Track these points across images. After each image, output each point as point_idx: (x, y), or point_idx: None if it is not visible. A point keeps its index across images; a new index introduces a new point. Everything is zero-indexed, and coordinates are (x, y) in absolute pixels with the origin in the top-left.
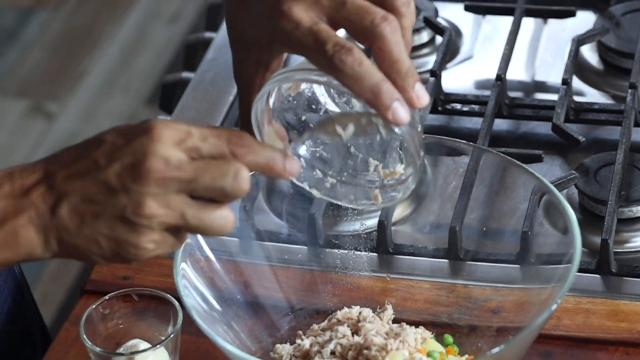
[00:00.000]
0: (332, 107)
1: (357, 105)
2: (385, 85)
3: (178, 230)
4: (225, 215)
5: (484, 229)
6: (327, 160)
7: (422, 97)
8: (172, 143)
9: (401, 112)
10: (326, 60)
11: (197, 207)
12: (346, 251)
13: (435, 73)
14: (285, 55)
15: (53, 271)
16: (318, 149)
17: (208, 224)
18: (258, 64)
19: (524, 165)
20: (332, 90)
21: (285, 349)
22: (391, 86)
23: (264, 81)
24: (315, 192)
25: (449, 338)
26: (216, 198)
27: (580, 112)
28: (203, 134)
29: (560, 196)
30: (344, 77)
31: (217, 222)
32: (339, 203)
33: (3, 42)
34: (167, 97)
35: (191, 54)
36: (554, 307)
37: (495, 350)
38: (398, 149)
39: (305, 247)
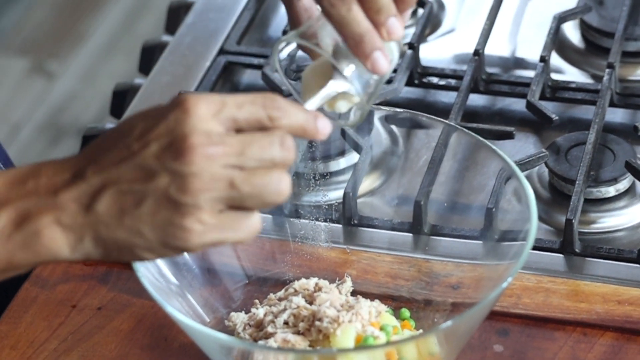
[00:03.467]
0: None
1: None
2: (368, 35)
3: (236, 212)
4: (280, 178)
5: (450, 204)
6: None
7: (393, 31)
8: (209, 115)
9: (380, 62)
10: (320, 3)
11: (246, 173)
12: (307, 221)
13: (413, 46)
14: None
15: None
16: None
17: (262, 188)
18: None
19: (489, 144)
20: None
21: (239, 317)
22: (374, 36)
23: None
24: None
25: (405, 312)
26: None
27: (557, 90)
28: (237, 101)
29: (522, 176)
30: (333, 20)
31: (273, 184)
32: None
33: (6, 0)
34: (147, 60)
35: (174, 17)
36: (505, 284)
37: (447, 323)
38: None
39: (270, 216)
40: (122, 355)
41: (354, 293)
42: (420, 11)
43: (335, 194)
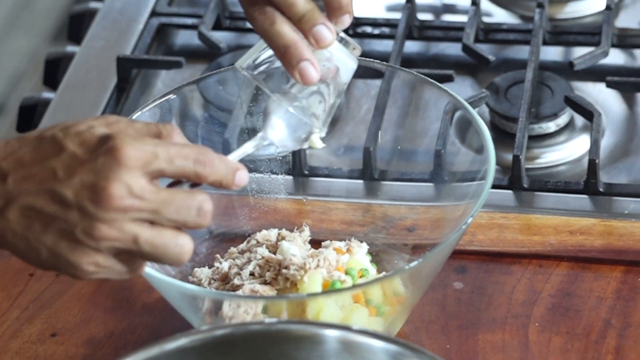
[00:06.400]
0: None
1: None
2: (292, 46)
3: (131, 257)
4: (182, 244)
5: (397, 149)
6: None
7: (320, 39)
8: (137, 167)
9: (307, 71)
10: (249, 21)
11: (152, 233)
12: (262, 175)
13: None
14: None
15: None
16: None
17: (162, 251)
18: None
19: (438, 84)
20: None
21: (203, 272)
22: (300, 47)
23: None
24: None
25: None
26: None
27: (489, 33)
28: (170, 155)
29: (473, 111)
30: (262, 36)
31: (173, 250)
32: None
33: None
34: (76, 27)
35: None
36: (469, 221)
37: (412, 264)
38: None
39: None
40: (85, 319)
41: (311, 242)
42: None
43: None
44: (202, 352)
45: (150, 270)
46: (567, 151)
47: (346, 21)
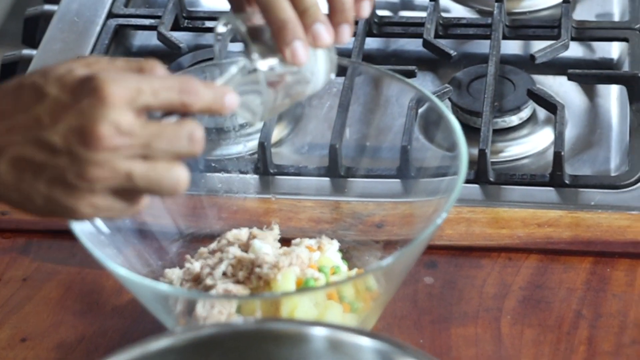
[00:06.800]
0: None
1: None
2: (291, 23)
3: (128, 194)
4: (178, 175)
5: (367, 144)
6: None
7: (318, 36)
8: (122, 104)
9: (299, 52)
10: None
11: (145, 167)
12: (230, 174)
13: None
14: None
15: None
16: None
17: (157, 184)
18: None
19: (405, 78)
20: None
21: (175, 273)
22: (297, 26)
23: None
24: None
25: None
26: (170, 159)
27: (449, 28)
28: (154, 88)
29: (442, 105)
30: (260, 6)
31: (168, 181)
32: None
33: None
34: (30, 31)
35: None
36: (444, 215)
37: (387, 260)
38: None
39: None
40: (55, 323)
41: (280, 240)
42: None
43: (252, 144)
44: (184, 353)
45: (122, 271)
46: (531, 144)
47: (346, 34)
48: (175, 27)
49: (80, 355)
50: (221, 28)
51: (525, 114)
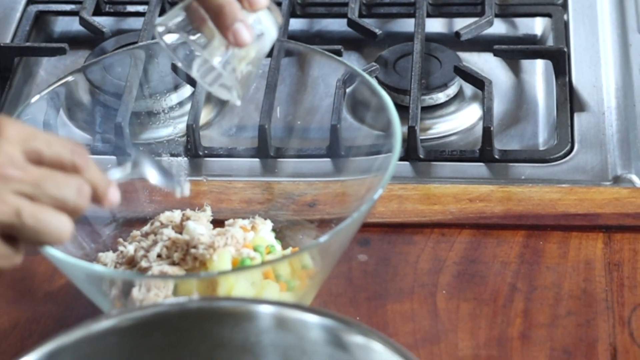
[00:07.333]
0: None
1: None
2: (227, 6)
3: (10, 237)
4: (64, 222)
5: (298, 122)
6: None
7: (254, 1)
8: (17, 141)
9: (241, 33)
10: None
11: (34, 208)
12: (160, 157)
13: None
14: None
15: None
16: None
17: (45, 226)
18: None
19: (334, 55)
20: None
21: (108, 256)
22: (234, 8)
23: None
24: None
25: None
26: (56, 206)
27: (372, 7)
28: (48, 139)
29: (372, 80)
30: None
31: (55, 226)
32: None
33: None
34: None
35: None
36: (380, 192)
37: (324, 238)
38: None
39: (114, 157)
40: None
41: (212, 222)
42: None
43: (179, 128)
44: (126, 334)
45: (57, 253)
46: (458, 121)
47: None
48: (97, 12)
49: (14, 342)
50: (168, 37)
51: (452, 90)
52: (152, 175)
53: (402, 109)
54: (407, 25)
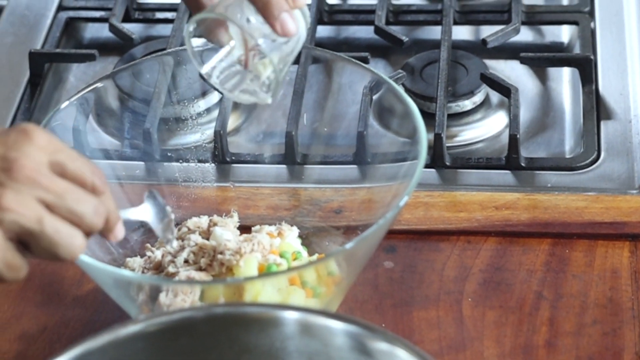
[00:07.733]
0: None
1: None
2: None
3: (23, 249)
4: (80, 238)
5: (324, 129)
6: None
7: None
8: (46, 149)
9: (288, 23)
10: None
11: (55, 217)
12: (189, 163)
13: None
14: None
15: None
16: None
17: (62, 238)
18: None
19: (361, 63)
20: None
21: (136, 261)
22: (282, 0)
23: None
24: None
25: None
26: (73, 221)
27: (399, 15)
28: (73, 154)
29: (399, 88)
30: None
31: (71, 240)
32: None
33: None
34: None
35: None
36: (406, 199)
37: (350, 244)
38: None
39: (142, 163)
40: (17, 314)
41: (239, 228)
42: None
43: (206, 134)
44: (153, 339)
45: (86, 257)
46: (484, 128)
47: None
48: (127, 18)
49: (42, 346)
50: (196, 41)
51: (478, 98)
52: (148, 215)
53: (429, 116)
54: (433, 32)
